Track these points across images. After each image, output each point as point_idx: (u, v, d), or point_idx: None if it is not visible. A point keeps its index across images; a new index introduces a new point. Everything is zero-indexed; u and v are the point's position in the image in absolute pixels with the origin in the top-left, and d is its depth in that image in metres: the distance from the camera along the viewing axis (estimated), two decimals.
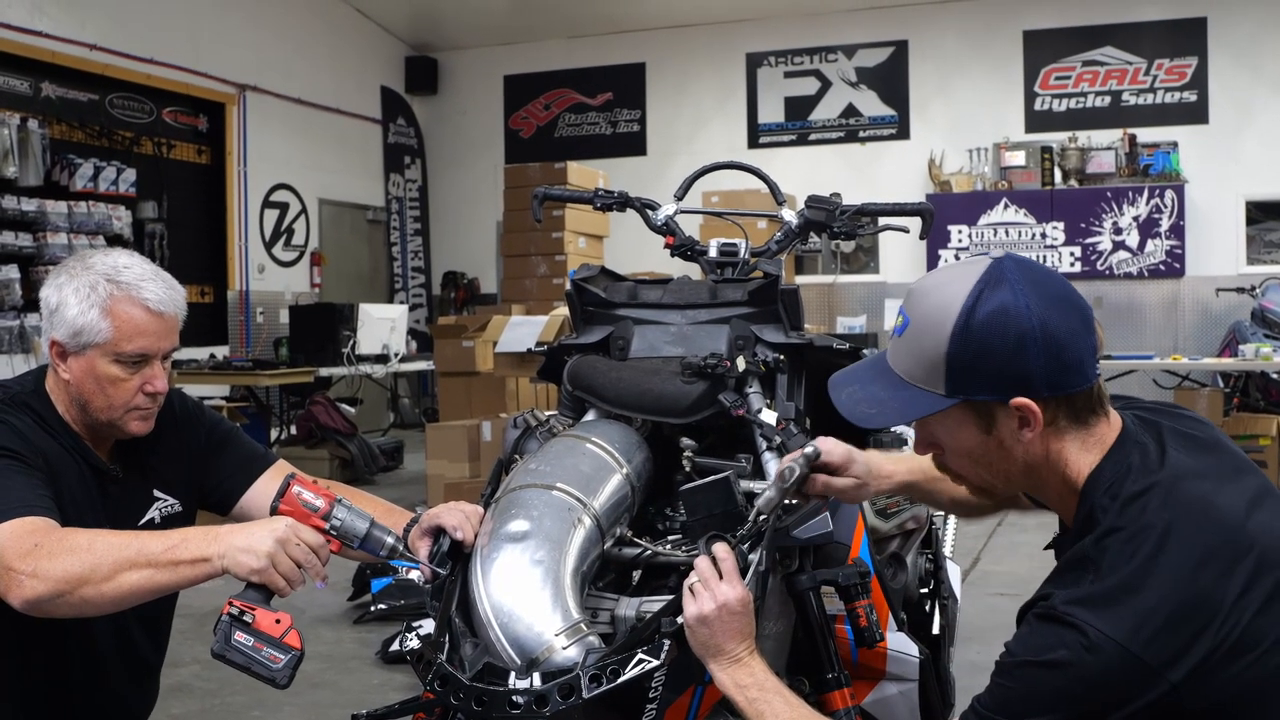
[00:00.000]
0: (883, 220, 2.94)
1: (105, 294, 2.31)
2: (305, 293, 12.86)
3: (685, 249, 2.85)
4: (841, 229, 2.79)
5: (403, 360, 10.64)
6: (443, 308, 14.20)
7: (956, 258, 12.23)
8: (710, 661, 1.87)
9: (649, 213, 2.90)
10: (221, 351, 11.16)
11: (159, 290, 2.36)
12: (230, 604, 1.96)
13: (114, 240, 10.03)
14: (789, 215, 2.85)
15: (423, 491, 8.18)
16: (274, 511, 2.07)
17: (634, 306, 2.57)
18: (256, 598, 1.99)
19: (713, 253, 2.77)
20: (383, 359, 10.35)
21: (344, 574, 5.62)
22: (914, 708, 2.47)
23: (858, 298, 12.72)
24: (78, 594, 1.99)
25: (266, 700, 4.17)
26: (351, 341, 9.96)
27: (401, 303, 13.69)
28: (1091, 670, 1.48)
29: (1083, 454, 1.63)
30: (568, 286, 2.60)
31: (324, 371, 9.96)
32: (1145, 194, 11.49)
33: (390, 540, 2.08)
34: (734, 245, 2.75)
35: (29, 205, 9.48)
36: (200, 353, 10.53)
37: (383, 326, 10.33)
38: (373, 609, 5.39)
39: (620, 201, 2.94)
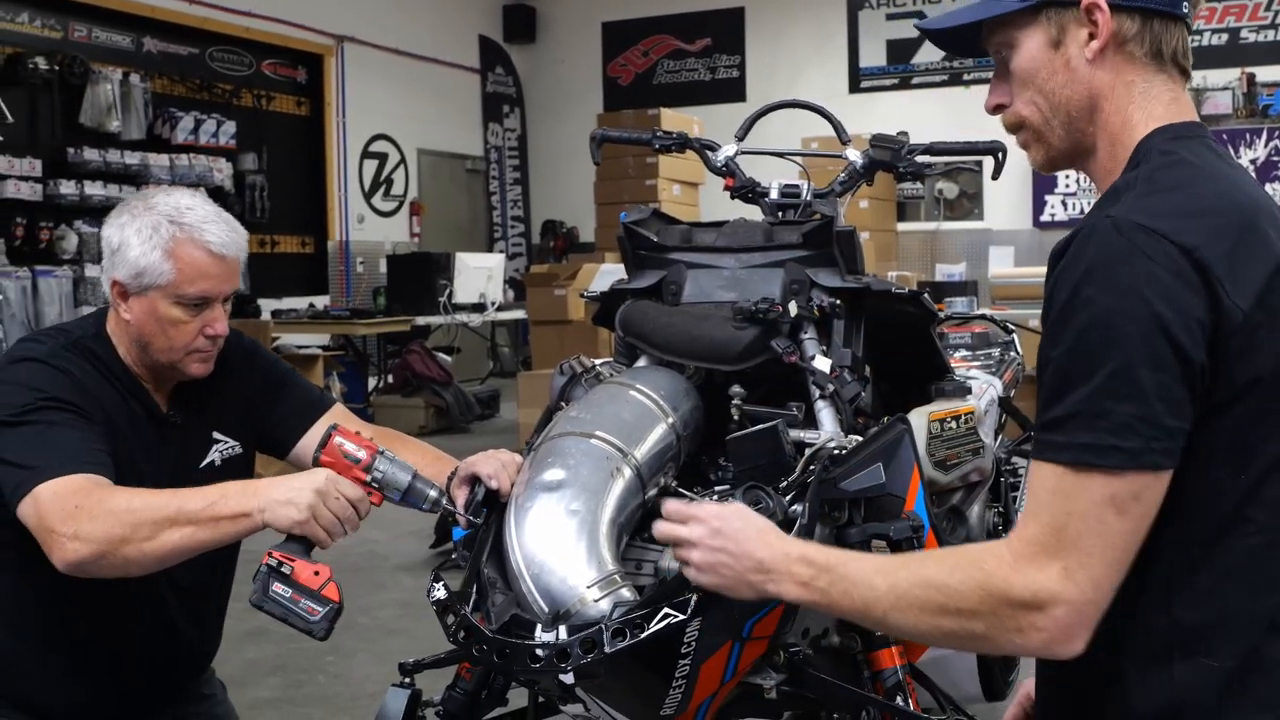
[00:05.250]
0: (953, 159, 2.82)
1: (168, 235, 2.29)
2: (404, 242, 12.94)
3: (746, 191, 2.76)
4: (908, 169, 2.69)
5: (499, 309, 10.66)
6: (542, 257, 14.20)
7: (1064, 204, 11.90)
8: (760, 587, 1.60)
9: (708, 154, 2.81)
10: (322, 301, 11.29)
11: (221, 233, 2.33)
12: (270, 555, 1.96)
13: (215, 192, 10.16)
14: (853, 155, 2.74)
15: (515, 439, 8.20)
16: (315, 463, 2.06)
17: (687, 250, 2.49)
18: (296, 549, 1.98)
19: (774, 194, 2.68)
20: (479, 308, 10.39)
21: (426, 523, 5.64)
22: (971, 669, 2.39)
23: (960, 245, 12.40)
24: (120, 554, 1.99)
25: (341, 645, 4.20)
26: (448, 290, 10.00)
27: (501, 252, 13.72)
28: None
29: (1145, 104, 1.54)
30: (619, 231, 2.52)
31: (421, 320, 10.04)
32: (1264, 136, 11.04)
33: (432, 493, 2.06)
34: (796, 187, 2.66)
35: (132, 159, 9.64)
36: (300, 302, 10.66)
37: (479, 276, 10.37)
38: (454, 556, 5.39)
39: (679, 143, 2.86)
